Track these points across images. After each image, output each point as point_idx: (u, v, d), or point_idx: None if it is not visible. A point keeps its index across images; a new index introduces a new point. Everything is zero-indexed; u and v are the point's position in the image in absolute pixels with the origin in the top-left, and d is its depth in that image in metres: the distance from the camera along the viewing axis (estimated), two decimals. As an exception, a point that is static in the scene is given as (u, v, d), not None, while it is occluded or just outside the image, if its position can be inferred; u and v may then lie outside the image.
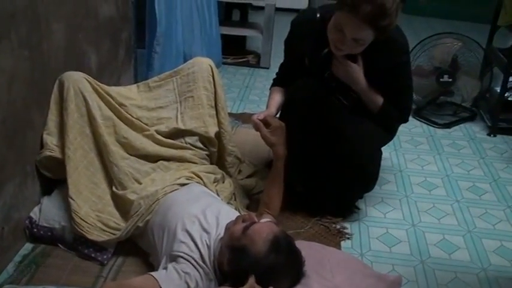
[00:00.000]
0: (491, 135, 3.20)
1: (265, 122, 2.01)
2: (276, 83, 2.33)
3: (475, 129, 3.28)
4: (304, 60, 2.14)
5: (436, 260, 2.06)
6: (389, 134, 2.30)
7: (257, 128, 2.01)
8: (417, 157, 2.88)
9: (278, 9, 4.16)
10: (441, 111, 3.43)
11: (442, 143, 3.08)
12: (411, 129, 3.20)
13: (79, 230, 1.88)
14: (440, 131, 3.24)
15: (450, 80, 3.27)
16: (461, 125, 3.33)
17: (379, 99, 2.12)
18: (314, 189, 2.24)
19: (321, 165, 2.19)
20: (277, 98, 2.22)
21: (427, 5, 5.90)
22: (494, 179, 2.71)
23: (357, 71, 2.05)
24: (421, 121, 3.33)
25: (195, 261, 1.63)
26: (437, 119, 3.34)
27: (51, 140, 1.98)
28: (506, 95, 3.21)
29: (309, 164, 2.20)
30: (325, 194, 2.22)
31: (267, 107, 2.20)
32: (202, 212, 1.78)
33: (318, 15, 2.07)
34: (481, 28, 4.25)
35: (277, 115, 2.22)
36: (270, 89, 2.33)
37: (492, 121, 3.24)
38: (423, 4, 5.87)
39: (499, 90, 3.19)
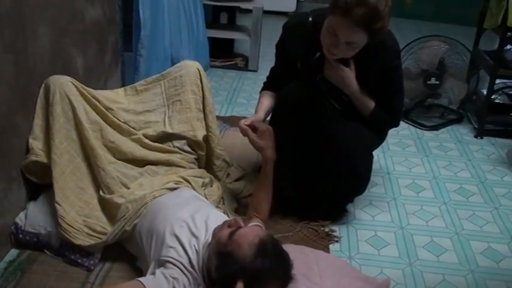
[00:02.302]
0: (478, 137, 3.22)
1: (253, 127, 2.01)
2: (266, 86, 2.32)
3: (462, 132, 3.30)
4: (295, 64, 2.14)
5: (424, 262, 2.07)
6: (380, 137, 2.30)
7: (245, 133, 2.01)
8: (405, 159, 2.89)
9: (266, 12, 4.17)
10: (428, 113, 3.46)
11: (429, 145, 3.09)
12: (399, 132, 3.21)
13: (65, 235, 1.86)
14: (427, 133, 3.25)
15: (437, 82, 3.29)
16: (449, 127, 3.35)
17: (371, 103, 2.12)
18: (305, 193, 2.24)
19: (313, 168, 2.18)
20: (266, 102, 2.22)
21: (414, 8, 5.94)
22: (481, 180, 2.72)
23: (349, 75, 2.05)
24: (408, 123, 3.35)
25: (184, 266, 1.62)
26: (425, 121, 3.36)
27: (36, 144, 1.96)
28: (492, 97, 3.24)
29: (300, 167, 2.20)
30: (317, 197, 2.21)
31: (256, 111, 2.20)
32: (191, 216, 1.77)
33: (310, 19, 2.07)
34: (467, 31, 4.29)
35: (267, 119, 2.21)
36: (259, 92, 2.32)
37: (479, 123, 3.26)
38: (409, 6, 5.90)
39: (485, 93, 3.22)
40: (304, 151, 2.17)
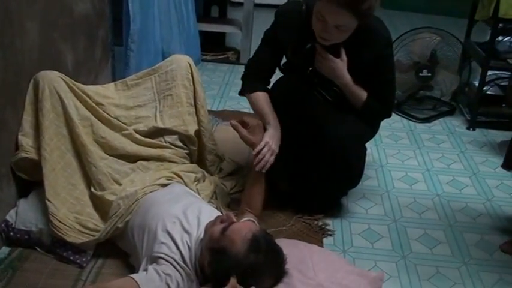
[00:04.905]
0: (471, 129, 3.22)
1: (243, 122, 2.00)
2: (253, 87, 2.17)
3: (455, 123, 3.31)
4: (284, 52, 2.13)
5: (417, 255, 2.07)
6: (372, 129, 2.29)
7: (235, 130, 1.99)
8: (398, 152, 2.89)
9: (257, 5, 4.15)
10: (421, 105, 3.45)
11: (422, 137, 3.09)
12: (391, 124, 3.21)
13: (57, 232, 1.84)
14: (420, 126, 3.25)
15: (429, 74, 3.29)
16: (441, 119, 3.35)
17: (363, 94, 2.10)
18: (299, 187, 2.23)
19: (306, 162, 2.17)
20: (267, 100, 2.12)
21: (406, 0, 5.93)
22: (474, 172, 2.73)
23: (340, 66, 2.03)
24: (401, 116, 3.35)
25: (176, 262, 1.61)
26: (417, 114, 3.36)
27: (26, 141, 1.94)
28: (484, 88, 3.24)
29: (293, 161, 2.19)
30: (311, 191, 2.20)
31: (267, 121, 2.06)
32: (183, 212, 1.76)
33: (304, 7, 2.05)
34: (459, 22, 4.29)
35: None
36: (246, 92, 2.18)
37: (471, 115, 3.27)
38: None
39: (477, 84, 3.22)
40: (297, 145, 2.16)
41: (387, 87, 2.15)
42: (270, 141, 1.98)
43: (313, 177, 2.17)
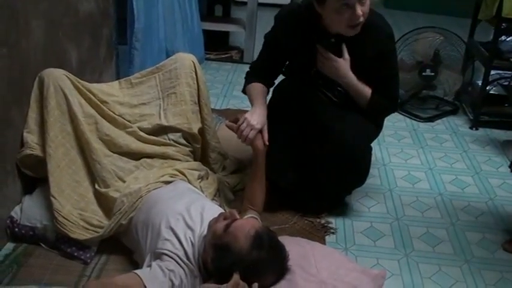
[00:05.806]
0: (474, 129, 3.22)
1: (237, 121, 2.01)
2: (252, 78, 2.21)
3: (458, 123, 3.31)
4: (287, 55, 2.13)
5: (419, 253, 2.08)
6: (377, 128, 2.29)
7: (231, 130, 2.01)
8: (401, 151, 2.90)
9: (261, 5, 4.16)
10: (424, 105, 3.46)
11: (425, 136, 3.10)
12: (394, 123, 3.21)
13: (61, 228, 1.86)
14: (423, 125, 3.26)
15: (432, 74, 3.29)
16: (444, 119, 3.35)
17: (368, 92, 2.10)
18: (304, 186, 2.23)
19: (312, 162, 2.17)
20: (259, 90, 2.15)
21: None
22: (477, 171, 2.73)
23: (343, 65, 2.04)
24: (404, 115, 3.35)
25: (179, 258, 1.62)
26: (420, 113, 3.36)
27: (31, 138, 1.95)
28: (487, 88, 3.24)
29: (299, 161, 2.19)
30: (316, 190, 2.20)
31: (253, 103, 2.11)
32: (186, 209, 1.77)
33: (302, 9, 2.06)
34: (462, 22, 4.29)
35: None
36: (246, 85, 2.23)
37: (474, 114, 3.27)
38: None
39: (480, 84, 3.22)
40: (302, 145, 2.16)
41: (392, 82, 2.15)
42: (248, 117, 2.00)
43: (318, 177, 2.17)
